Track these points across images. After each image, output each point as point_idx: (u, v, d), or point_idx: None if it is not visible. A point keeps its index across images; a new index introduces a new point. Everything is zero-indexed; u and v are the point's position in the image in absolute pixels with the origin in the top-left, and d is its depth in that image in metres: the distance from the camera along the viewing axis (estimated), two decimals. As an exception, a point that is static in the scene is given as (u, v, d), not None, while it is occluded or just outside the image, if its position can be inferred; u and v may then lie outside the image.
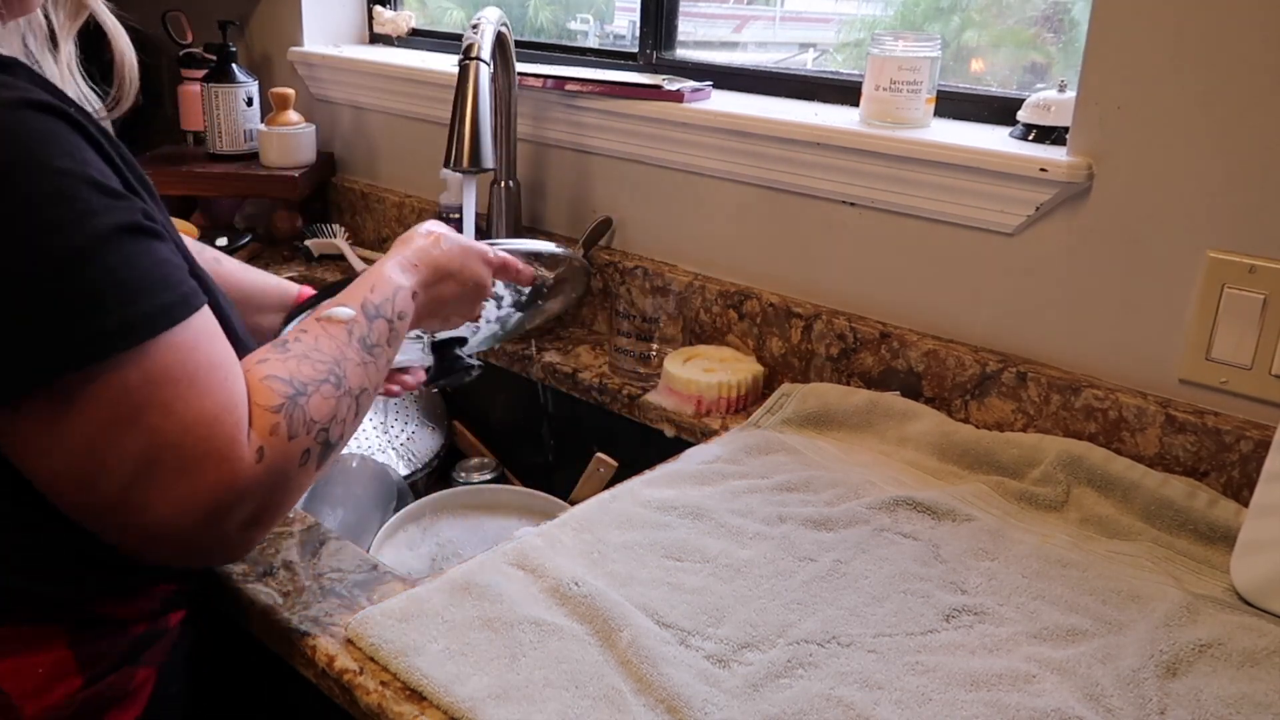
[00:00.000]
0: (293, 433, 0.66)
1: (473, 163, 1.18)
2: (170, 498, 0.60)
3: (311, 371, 0.69)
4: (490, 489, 1.18)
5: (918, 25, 1.37)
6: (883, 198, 1.15)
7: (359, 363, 0.73)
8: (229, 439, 0.61)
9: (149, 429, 0.59)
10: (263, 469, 0.63)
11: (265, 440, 0.64)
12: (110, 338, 0.58)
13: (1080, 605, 0.81)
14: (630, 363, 1.25)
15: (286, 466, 0.65)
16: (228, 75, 1.67)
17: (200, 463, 0.60)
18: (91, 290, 0.57)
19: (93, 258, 0.58)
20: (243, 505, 0.63)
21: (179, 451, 0.60)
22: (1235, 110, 0.91)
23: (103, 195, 0.59)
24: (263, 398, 0.65)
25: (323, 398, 0.69)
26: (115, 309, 0.58)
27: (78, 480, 0.60)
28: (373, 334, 0.76)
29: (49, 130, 0.58)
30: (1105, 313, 1.03)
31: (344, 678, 0.72)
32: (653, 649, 0.72)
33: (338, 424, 0.70)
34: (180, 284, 0.63)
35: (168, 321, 0.60)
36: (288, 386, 0.67)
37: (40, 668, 0.68)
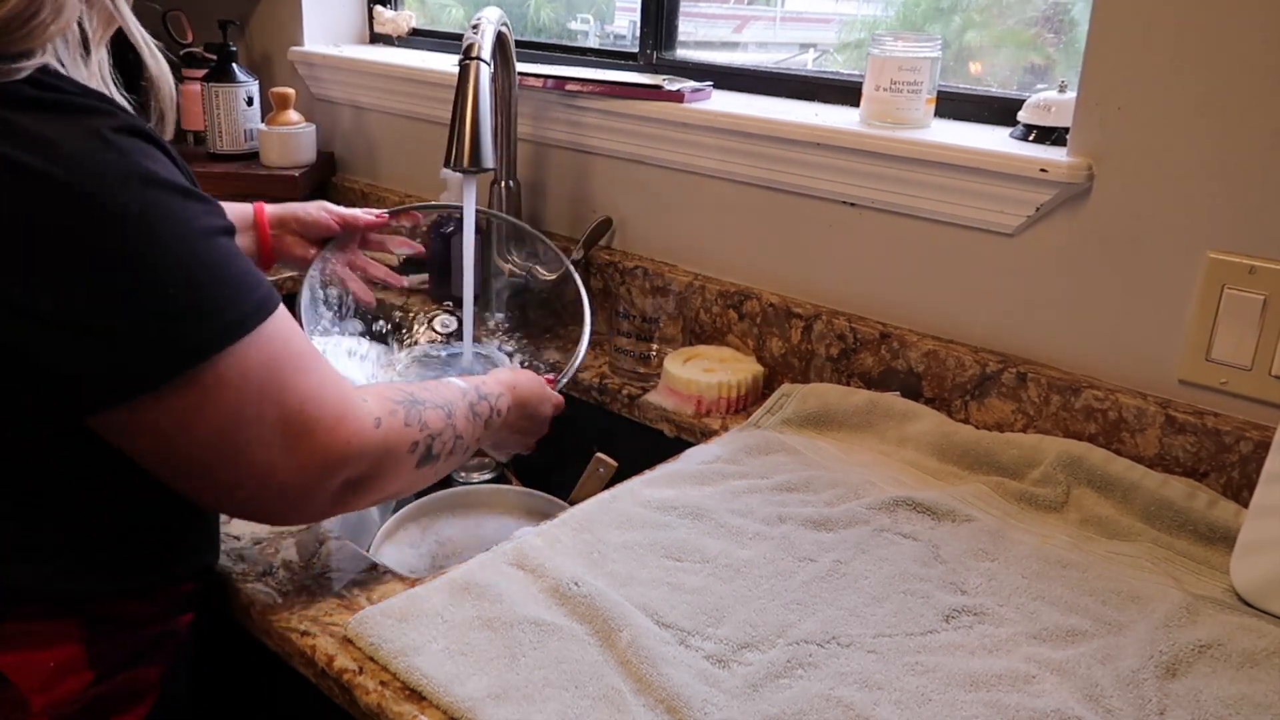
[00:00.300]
0: (408, 421, 0.76)
1: (473, 163, 1.18)
2: (298, 456, 0.68)
3: (431, 396, 0.81)
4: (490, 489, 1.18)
5: (918, 26, 1.37)
6: (883, 198, 1.15)
7: (466, 415, 0.84)
8: (343, 402, 0.71)
9: (276, 401, 0.67)
10: (379, 436, 0.73)
11: (384, 415, 0.74)
12: (232, 328, 0.64)
13: (1080, 606, 0.81)
14: (630, 363, 1.25)
15: (398, 445, 0.75)
16: (228, 75, 1.67)
17: (320, 423, 0.69)
18: (210, 286, 0.64)
19: (205, 258, 0.64)
20: (356, 463, 0.71)
21: (302, 417, 0.68)
22: (1235, 111, 0.91)
23: (198, 202, 0.65)
24: (388, 392, 0.77)
25: (436, 416, 0.80)
26: (233, 301, 0.65)
27: (218, 455, 0.66)
28: (480, 406, 0.87)
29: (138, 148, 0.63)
30: (1105, 313, 1.03)
31: (343, 677, 0.72)
32: (653, 649, 0.72)
33: (441, 441, 0.80)
34: (263, 279, 0.69)
35: (267, 312, 0.67)
36: (409, 396, 0.78)
37: (51, 662, 0.69)
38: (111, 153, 0.61)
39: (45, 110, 0.61)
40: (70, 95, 0.63)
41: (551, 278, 1.36)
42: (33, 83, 0.62)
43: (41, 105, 0.61)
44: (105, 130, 0.62)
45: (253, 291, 0.66)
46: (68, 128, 0.61)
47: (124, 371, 0.62)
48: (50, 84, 0.62)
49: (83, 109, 0.62)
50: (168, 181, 0.63)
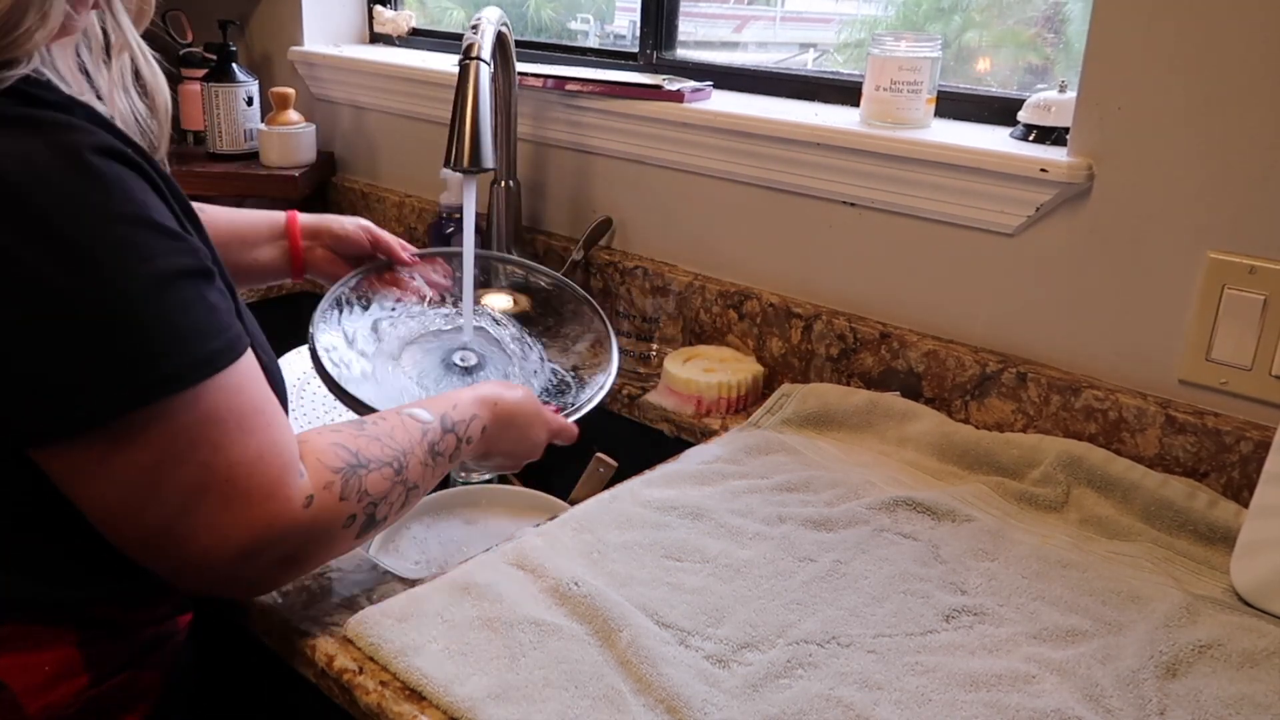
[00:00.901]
0: (344, 495, 0.69)
1: (473, 163, 1.18)
2: (214, 529, 0.63)
3: (379, 452, 0.73)
4: (490, 489, 1.18)
5: (918, 25, 1.37)
6: (883, 198, 1.14)
7: (422, 461, 0.77)
8: (276, 479, 0.65)
9: (199, 465, 0.62)
10: (309, 516, 0.67)
11: (317, 492, 0.67)
12: (166, 381, 0.60)
13: (1080, 606, 0.81)
14: (630, 363, 1.25)
15: (331, 523, 0.69)
16: (228, 75, 1.67)
17: (246, 497, 0.64)
18: (150, 335, 0.60)
19: (152, 303, 0.60)
20: (282, 544, 0.66)
21: (226, 487, 0.63)
22: (1235, 111, 0.91)
23: (163, 238, 0.62)
24: (327, 458, 0.69)
25: (381, 477, 0.72)
26: (172, 354, 0.61)
27: (126, 511, 0.63)
28: (442, 444, 0.80)
29: (113, 176, 0.60)
30: (1105, 313, 1.03)
31: (343, 677, 0.72)
32: (652, 649, 0.72)
33: (386, 504, 0.73)
34: (228, 328, 0.65)
35: (217, 366, 0.63)
36: (352, 457, 0.71)
37: (47, 665, 0.68)
38: (77, 179, 0.59)
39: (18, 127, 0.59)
40: (51, 111, 0.61)
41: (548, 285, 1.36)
42: (14, 94, 0.60)
43: (15, 121, 0.59)
44: (81, 151, 0.60)
45: (203, 343, 0.62)
46: (39, 148, 0.59)
47: (44, 413, 0.59)
48: (35, 96, 0.61)
49: (60, 126, 0.60)
50: (133, 215, 0.60)
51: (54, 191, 0.58)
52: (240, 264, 1.03)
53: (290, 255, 1.07)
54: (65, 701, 0.69)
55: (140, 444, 0.61)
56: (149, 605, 0.74)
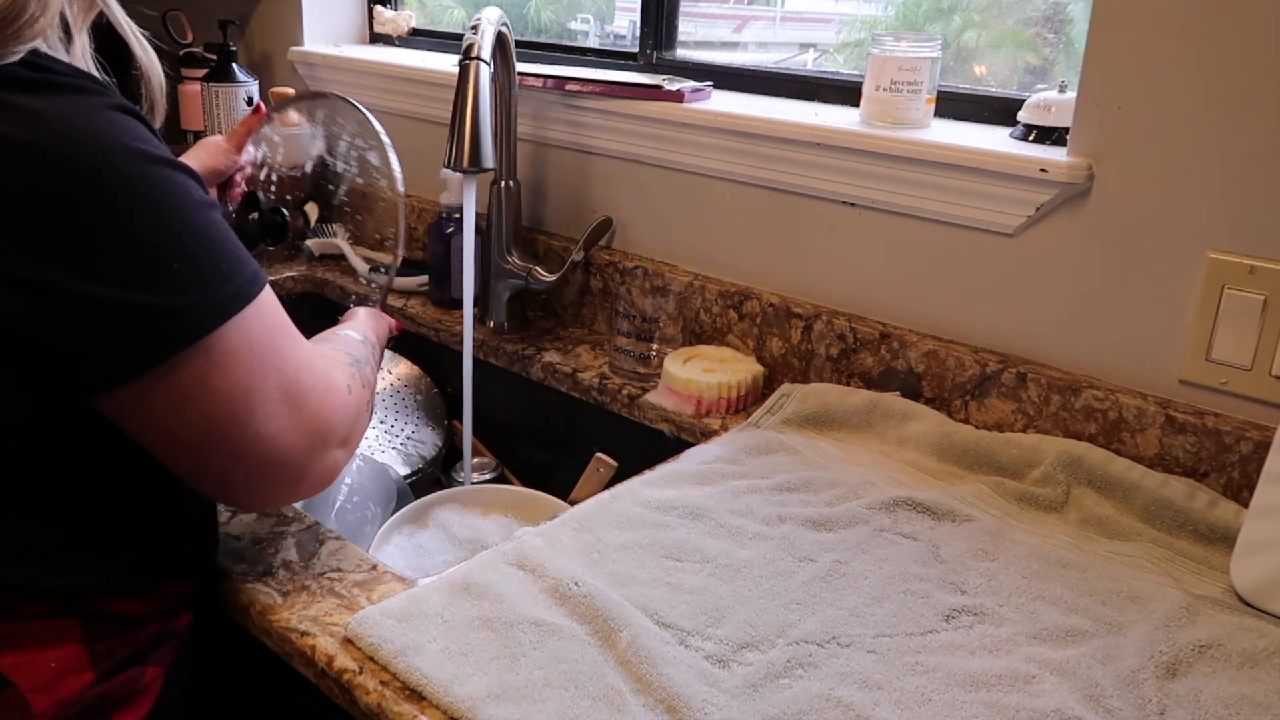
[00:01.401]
0: (364, 383, 0.82)
1: (473, 163, 1.18)
2: (299, 423, 0.70)
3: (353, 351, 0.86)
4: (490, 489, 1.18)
5: (918, 26, 1.37)
6: (883, 198, 1.15)
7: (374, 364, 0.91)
8: (326, 374, 0.74)
9: (276, 370, 0.68)
10: (353, 401, 0.77)
11: (349, 381, 0.78)
12: (236, 298, 0.66)
13: (1080, 606, 0.81)
14: (630, 363, 1.25)
15: (363, 405, 0.80)
16: (228, 75, 1.67)
17: (313, 394, 0.71)
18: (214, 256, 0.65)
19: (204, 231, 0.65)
20: (341, 427, 0.75)
21: (298, 386, 0.70)
22: (1235, 111, 0.91)
23: (189, 177, 0.66)
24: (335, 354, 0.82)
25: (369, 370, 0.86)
26: (233, 272, 0.66)
27: (226, 426, 0.67)
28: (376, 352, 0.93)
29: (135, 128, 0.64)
30: (1105, 313, 1.03)
31: (343, 677, 0.72)
32: (652, 649, 0.72)
33: (373, 390, 0.86)
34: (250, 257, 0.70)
35: (261, 283, 0.69)
36: (350, 358, 0.83)
37: (52, 662, 0.69)
38: (112, 129, 0.62)
39: (42, 90, 0.62)
40: (64, 76, 0.64)
41: (551, 279, 1.36)
42: (26, 65, 0.62)
43: (37, 86, 0.62)
44: (102, 108, 0.63)
45: (246, 264, 0.68)
46: (67, 105, 0.62)
47: (132, 345, 0.62)
48: (43, 65, 0.63)
49: (77, 89, 0.63)
50: (164, 157, 0.64)
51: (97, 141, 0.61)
52: None
53: None
54: (71, 698, 0.69)
55: (233, 358, 0.66)
56: (153, 600, 0.75)
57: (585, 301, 1.43)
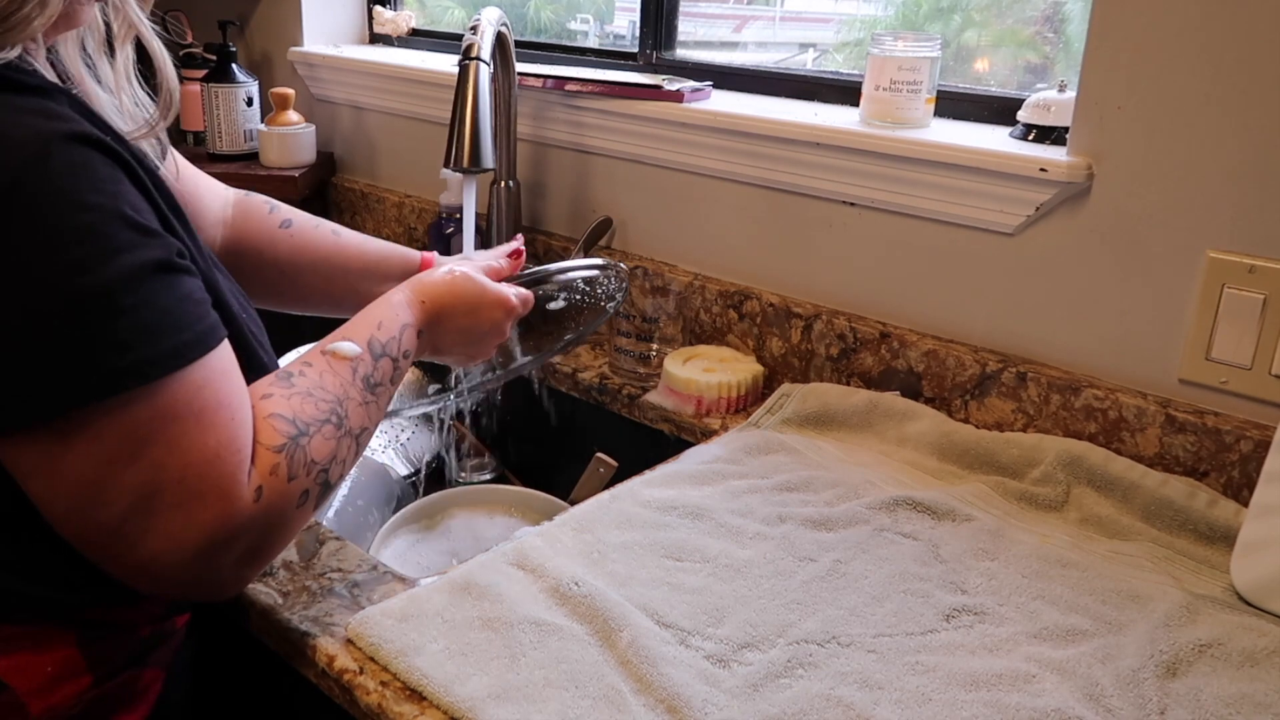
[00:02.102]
0: (292, 474, 0.66)
1: (473, 163, 1.18)
2: (165, 532, 0.60)
3: (314, 411, 0.69)
4: (490, 489, 1.18)
5: (918, 25, 1.37)
6: (883, 198, 1.15)
7: (361, 402, 0.73)
8: (229, 476, 0.62)
9: (151, 464, 0.60)
10: (260, 508, 0.63)
11: (265, 480, 0.64)
12: (122, 375, 0.58)
13: (1080, 605, 0.81)
14: (630, 363, 1.25)
15: (284, 507, 0.65)
16: (228, 75, 1.67)
17: (198, 499, 0.61)
18: (108, 328, 0.58)
19: (113, 296, 0.58)
20: (237, 543, 0.63)
21: (178, 487, 0.60)
22: (1235, 110, 0.91)
23: (132, 231, 0.60)
24: (265, 437, 0.65)
25: (324, 439, 0.68)
26: (131, 347, 0.58)
27: (76, 509, 0.60)
28: (377, 373, 0.75)
29: (84, 163, 0.59)
30: (1105, 313, 1.03)
31: (344, 678, 0.72)
32: (653, 649, 0.72)
33: (337, 464, 0.70)
34: (199, 321, 0.63)
35: (180, 361, 0.60)
36: (290, 426, 0.67)
37: (49, 666, 0.68)
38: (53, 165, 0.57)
39: None
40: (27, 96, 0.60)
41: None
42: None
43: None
44: (52, 138, 0.58)
45: (168, 337, 0.60)
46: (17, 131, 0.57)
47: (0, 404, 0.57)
48: (12, 80, 0.60)
49: (35, 112, 0.59)
50: (103, 206, 0.59)
51: (23, 175, 0.56)
52: (363, 294, 0.96)
53: None
54: (68, 702, 0.69)
55: (92, 439, 0.58)
56: (146, 606, 0.74)
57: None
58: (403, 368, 0.78)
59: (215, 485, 0.61)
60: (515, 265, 0.96)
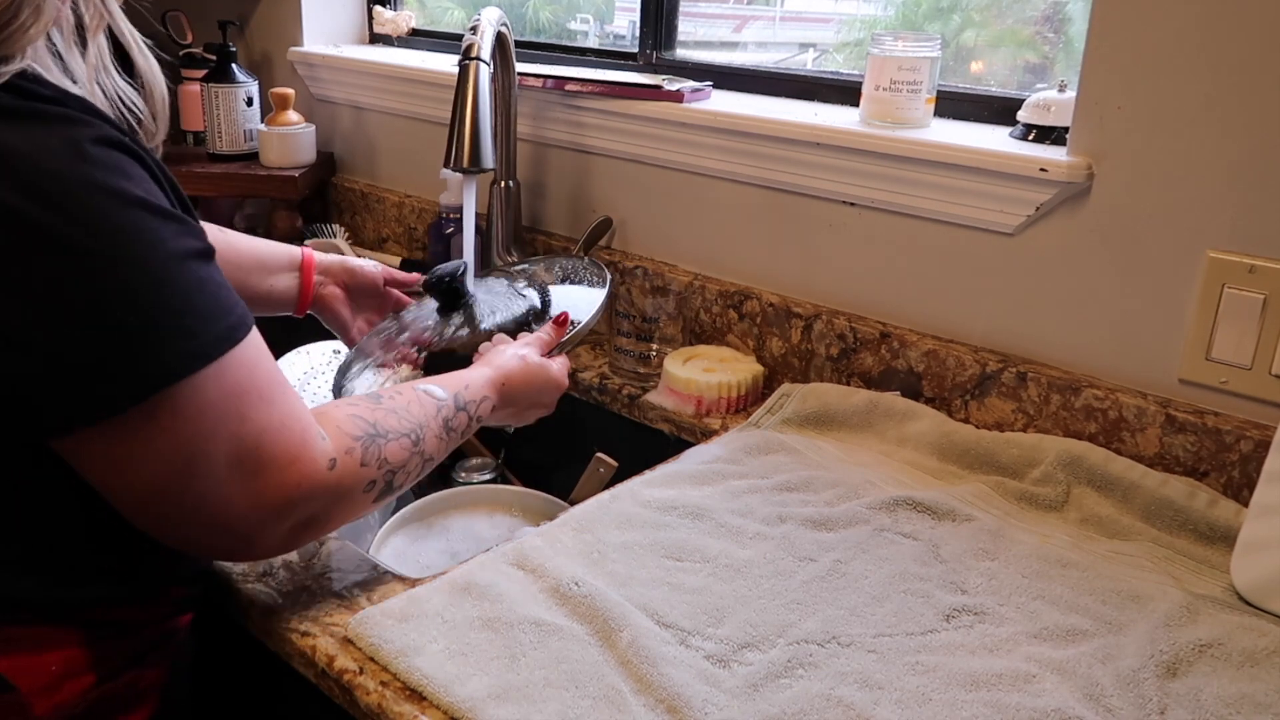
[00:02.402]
0: (365, 461, 0.72)
1: (473, 163, 1.18)
2: (250, 494, 0.66)
3: (396, 424, 0.76)
4: (490, 489, 1.18)
5: (918, 25, 1.37)
6: (883, 198, 1.15)
7: (438, 434, 0.80)
8: (299, 442, 0.68)
9: (230, 435, 0.64)
10: (334, 478, 0.70)
11: (340, 456, 0.71)
12: (194, 357, 0.62)
13: (1080, 605, 0.81)
14: (630, 363, 1.25)
15: (353, 485, 0.72)
16: (228, 75, 1.67)
17: (276, 462, 0.66)
18: (172, 313, 0.62)
19: (170, 283, 0.62)
20: (308, 504, 0.69)
21: (257, 453, 0.66)
22: (1235, 110, 0.91)
23: (170, 221, 0.63)
24: (347, 426, 0.73)
25: (399, 447, 0.76)
26: (195, 330, 0.63)
27: (167, 488, 0.64)
28: (455, 420, 0.83)
29: (115, 162, 0.62)
30: (1105, 313, 1.03)
31: (344, 678, 0.72)
32: (653, 649, 0.72)
33: (404, 473, 0.77)
34: (237, 304, 0.67)
35: (233, 341, 0.65)
36: (370, 428, 0.74)
37: (52, 665, 0.68)
38: (86, 167, 0.60)
39: (21, 120, 0.60)
40: (48, 105, 0.61)
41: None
42: (10, 89, 0.60)
43: (17, 115, 0.60)
44: (83, 142, 0.60)
45: (220, 319, 0.64)
46: (44, 139, 0.60)
47: (74, 398, 0.60)
48: (29, 90, 0.61)
49: (60, 119, 0.61)
50: (141, 200, 0.61)
51: (66, 182, 0.59)
52: (255, 290, 1.04)
53: (301, 288, 1.09)
54: (73, 701, 0.69)
55: (180, 419, 0.62)
56: (150, 606, 0.74)
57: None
58: (473, 428, 0.87)
59: (287, 449, 0.67)
60: (560, 333, 1.01)
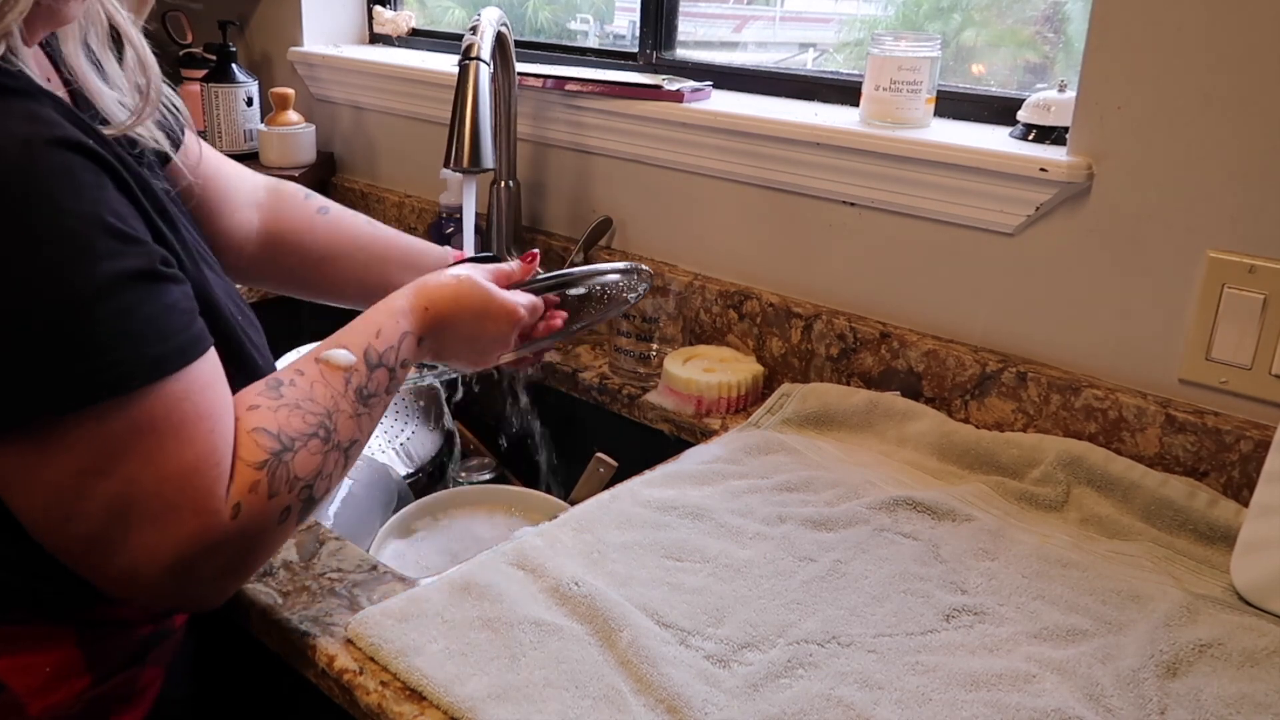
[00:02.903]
0: (273, 491, 0.64)
1: (473, 163, 1.18)
2: (139, 545, 0.60)
3: (301, 425, 0.67)
4: (490, 489, 1.18)
5: (918, 25, 1.37)
6: (883, 198, 1.15)
7: (352, 414, 0.71)
8: (206, 492, 0.61)
9: (125, 477, 0.59)
10: (236, 526, 0.62)
11: (244, 497, 0.63)
12: (97, 386, 0.57)
13: (1080, 605, 0.81)
14: (630, 363, 1.25)
15: (264, 523, 0.64)
16: (228, 75, 1.67)
17: (172, 514, 0.60)
18: (85, 336, 0.57)
19: (91, 304, 0.57)
20: (213, 559, 0.62)
21: (153, 502, 0.59)
22: (1235, 110, 0.91)
23: (113, 239, 0.59)
24: (247, 452, 0.64)
25: (309, 454, 0.67)
26: (107, 356, 0.57)
27: (50, 518, 0.60)
28: (371, 383, 0.73)
29: (67, 168, 0.58)
30: (1105, 313, 1.03)
31: (344, 678, 0.72)
32: (653, 649, 0.72)
33: (323, 479, 0.69)
34: (182, 331, 0.62)
35: (160, 373, 0.59)
36: (274, 442, 0.65)
37: (48, 665, 0.68)
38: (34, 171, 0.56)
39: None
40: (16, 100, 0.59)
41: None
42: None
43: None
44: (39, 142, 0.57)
45: (147, 347, 0.59)
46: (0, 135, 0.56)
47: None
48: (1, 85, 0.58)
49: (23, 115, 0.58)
50: (85, 213, 0.58)
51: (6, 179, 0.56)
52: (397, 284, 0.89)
53: None
54: (67, 702, 0.69)
55: (66, 449, 0.58)
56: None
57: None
58: (399, 377, 0.77)
59: (190, 501, 0.60)
60: (528, 269, 0.93)
